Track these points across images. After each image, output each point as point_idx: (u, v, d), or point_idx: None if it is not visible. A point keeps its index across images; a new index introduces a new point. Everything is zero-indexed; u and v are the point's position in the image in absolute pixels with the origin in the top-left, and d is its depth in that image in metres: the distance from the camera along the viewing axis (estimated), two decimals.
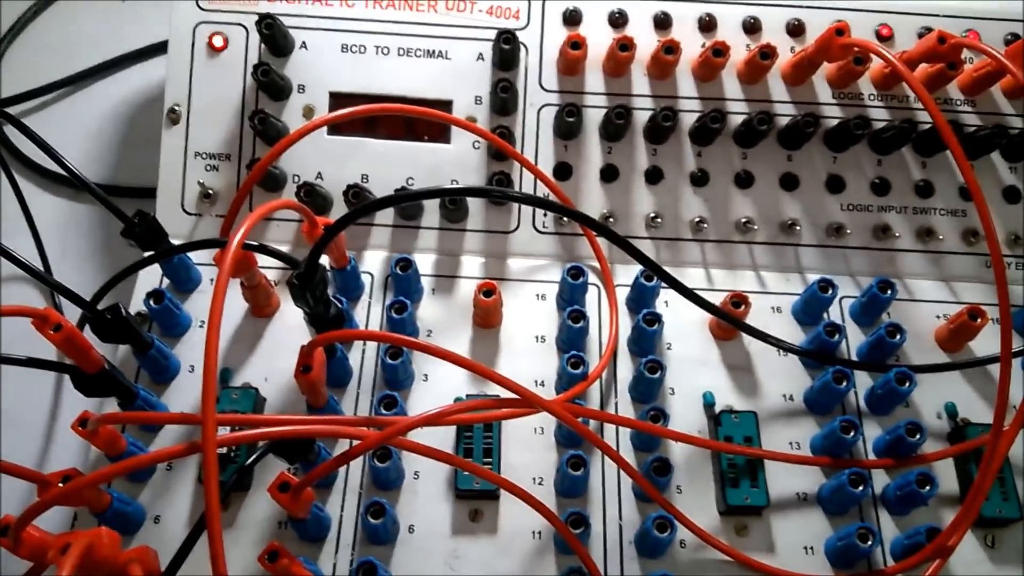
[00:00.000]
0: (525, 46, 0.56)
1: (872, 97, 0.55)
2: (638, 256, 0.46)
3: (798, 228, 0.54)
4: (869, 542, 0.41)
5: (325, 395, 0.44)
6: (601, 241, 0.53)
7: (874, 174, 0.55)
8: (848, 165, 0.55)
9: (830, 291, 0.49)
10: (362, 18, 0.56)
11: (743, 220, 0.54)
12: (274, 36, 0.53)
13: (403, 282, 0.50)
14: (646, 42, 0.54)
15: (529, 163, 0.53)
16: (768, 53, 0.53)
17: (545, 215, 0.54)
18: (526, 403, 0.39)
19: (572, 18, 0.56)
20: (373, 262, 0.53)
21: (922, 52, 0.52)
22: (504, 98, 0.53)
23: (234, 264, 0.35)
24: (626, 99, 0.55)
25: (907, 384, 0.46)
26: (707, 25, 0.56)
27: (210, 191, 0.53)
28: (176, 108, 0.55)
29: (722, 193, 0.54)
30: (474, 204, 0.54)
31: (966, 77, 0.55)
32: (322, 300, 0.40)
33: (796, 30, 0.56)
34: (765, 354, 0.50)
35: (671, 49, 0.53)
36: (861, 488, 0.43)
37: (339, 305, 0.42)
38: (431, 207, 0.54)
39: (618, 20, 0.56)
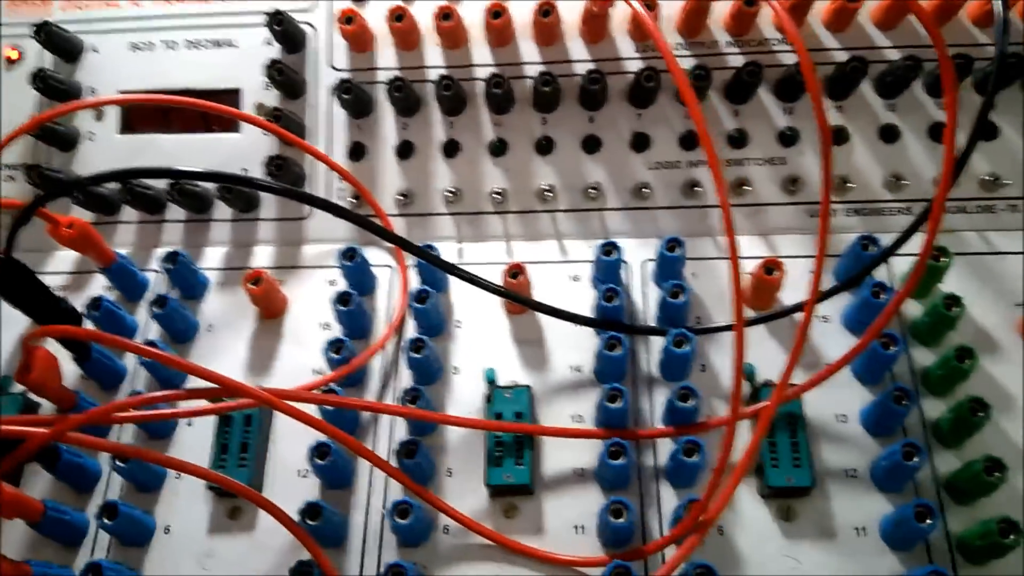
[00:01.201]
0: (312, 26, 0.54)
1: (679, 47, 0.52)
2: (395, 239, 0.44)
3: (599, 192, 0.51)
4: (622, 518, 0.38)
5: (68, 395, 0.43)
6: (399, 219, 0.52)
7: (683, 128, 0.51)
8: (653, 121, 0.51)
9: (614, 254, 0.46)
10: (150, 15, 0.55)
11: (544, 188, 0.51)
12: (54, 42, 0.53)
13: (178, 277, 0.49)
14: (427, 11, 0.52)
15: (308, 145, 0.51)
16: (549, 10, 0.50)
17: (341, 197, 0.53)
18: (233, 393, 0.37)
19: None
20: None
21: None
22: (280, 81, 0.51)
23: None
24: (417, 72, 0.53)
25: (684, 346, 0.42)
26: None
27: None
28: None
29: (522, 162, 0.52)
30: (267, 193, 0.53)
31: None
32: (31, 295, 0.39)
33: None
34: (557, 327, 0.47)
35: (448, 15, 0.50)
36: (622, 460, 0.40)
37: (67, 302, 0.41)
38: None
39: None
